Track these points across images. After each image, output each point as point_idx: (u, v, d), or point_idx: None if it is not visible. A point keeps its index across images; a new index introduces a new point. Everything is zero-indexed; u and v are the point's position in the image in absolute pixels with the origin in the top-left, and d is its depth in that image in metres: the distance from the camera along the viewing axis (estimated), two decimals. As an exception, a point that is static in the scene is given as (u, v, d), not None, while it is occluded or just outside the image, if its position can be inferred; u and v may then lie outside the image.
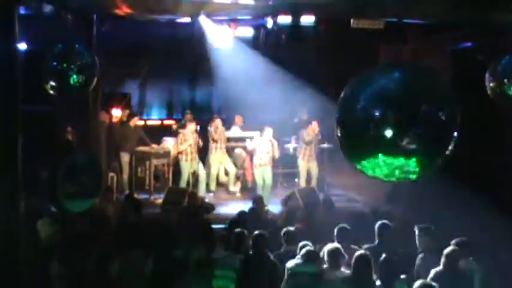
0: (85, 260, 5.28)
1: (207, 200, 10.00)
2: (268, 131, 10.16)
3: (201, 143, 10.27)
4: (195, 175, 10.34)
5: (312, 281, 4.84)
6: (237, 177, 10.93)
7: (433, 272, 5.15)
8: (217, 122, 10.56)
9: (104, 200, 7.58)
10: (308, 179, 10.60)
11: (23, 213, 5.06)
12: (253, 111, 11.35)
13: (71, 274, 5.18)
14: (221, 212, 9.41)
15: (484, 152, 9.09)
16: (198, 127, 10.47)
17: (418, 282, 4.40)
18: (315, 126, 10.45)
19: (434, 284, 4.47)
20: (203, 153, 10.62)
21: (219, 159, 10.54)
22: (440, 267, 5.17)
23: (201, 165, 10.33)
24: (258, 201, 8.04)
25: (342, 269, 5.00)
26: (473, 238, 5.87)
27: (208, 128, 10.75)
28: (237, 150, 11.22)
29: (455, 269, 5.19)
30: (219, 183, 10.95)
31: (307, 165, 10.57)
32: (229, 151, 10.93)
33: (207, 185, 10.43)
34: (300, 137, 10.73)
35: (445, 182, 7.78)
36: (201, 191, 10.17)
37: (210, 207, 9.30)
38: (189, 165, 10.09)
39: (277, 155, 10.28)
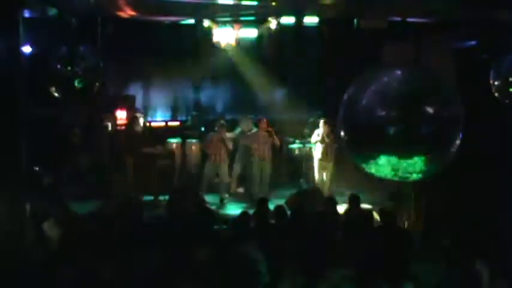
0: (91, 262, 5.30)
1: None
2: (264, 122, 10.26)
3: (230, 147, 10.36)
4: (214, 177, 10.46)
5: None
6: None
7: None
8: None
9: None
10: (320, 179, 10.53)
11: (28, 215, 5.08)
12: (258, 112, 11.34)
13: (78, 276, 5.20)
14: (227, 212, 9.43)
15: (488, 150, 9.06)
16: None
17: None
18: (322, 125, 10.38)
19: None
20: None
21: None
22: None
23: (224, 168, 10.37)
24: (263, 203, 8.03)
25: None
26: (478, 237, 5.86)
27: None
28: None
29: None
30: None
31: (322, 164, 10.52)
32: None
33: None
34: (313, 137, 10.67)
35: (450, 180, 7.80)
36: (223, 193, 10.29)
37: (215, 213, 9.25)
38: (213, 167, 10.24)
39: (277, 142, 10.29)
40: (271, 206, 7.33)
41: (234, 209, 9.48)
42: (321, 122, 10.36)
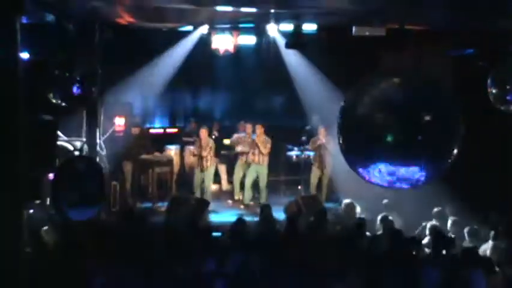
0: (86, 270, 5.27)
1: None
2: (259, 128, 10.32)
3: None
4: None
5: None
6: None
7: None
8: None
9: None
10: (318, 187, 10.57)
11: (26, 221, 5.06)
12: (257, 119, 11.36)
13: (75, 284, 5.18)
14: (224, 220, 9.39)
15: (486, 158, 9.06)
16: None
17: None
18: (321, 133, 10.46)
19: None
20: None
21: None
22: None
23: (208, 174, 10.31)
24: (266, 210, 8.03)
25: None
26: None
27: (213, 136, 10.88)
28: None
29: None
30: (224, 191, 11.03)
31: (318, 172, 10.56)
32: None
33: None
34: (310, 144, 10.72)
35: (448, 188, 7.80)
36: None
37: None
38: (201, 172, 10.15)
39: (264, 151, 10.28)
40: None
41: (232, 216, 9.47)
42: (321, 129, 10.43)
